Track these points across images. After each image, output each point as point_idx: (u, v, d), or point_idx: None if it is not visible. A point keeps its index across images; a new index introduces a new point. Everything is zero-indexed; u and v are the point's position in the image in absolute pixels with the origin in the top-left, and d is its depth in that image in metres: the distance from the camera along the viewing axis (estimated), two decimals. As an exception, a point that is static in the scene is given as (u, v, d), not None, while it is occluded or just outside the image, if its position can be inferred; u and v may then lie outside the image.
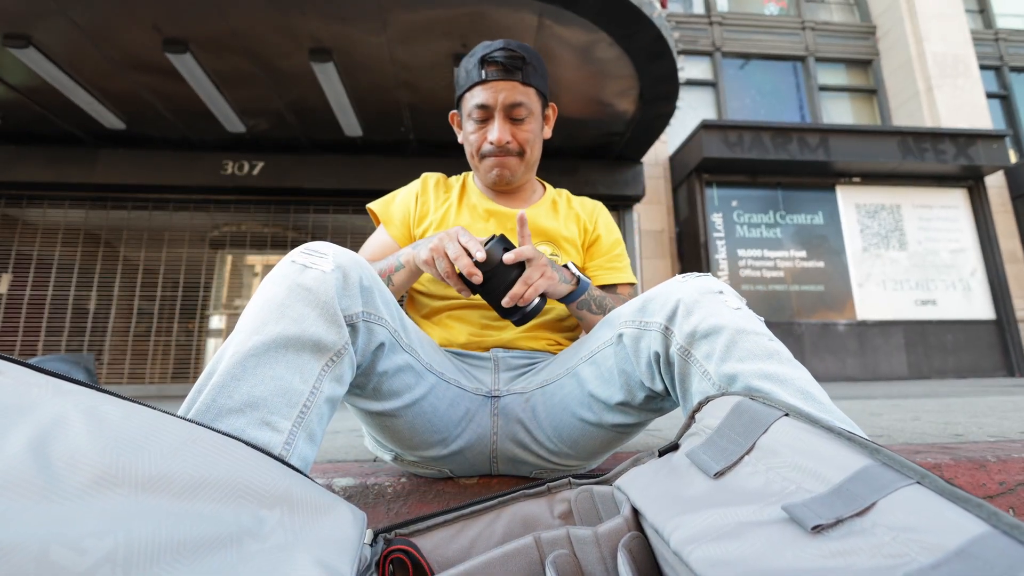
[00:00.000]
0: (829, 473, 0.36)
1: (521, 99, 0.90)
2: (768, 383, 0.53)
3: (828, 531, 0.32)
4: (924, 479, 0.31)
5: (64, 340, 5.95)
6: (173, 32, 4.17)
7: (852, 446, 0.37)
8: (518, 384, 0.83)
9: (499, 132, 0.89)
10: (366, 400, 0.68)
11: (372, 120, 5.53)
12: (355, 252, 0.66)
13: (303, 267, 0.56)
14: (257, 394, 0.49)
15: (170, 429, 0.37)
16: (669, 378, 0.63)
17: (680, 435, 0.56)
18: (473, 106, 0.91)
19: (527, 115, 0.91)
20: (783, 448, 0.41)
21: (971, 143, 7.09)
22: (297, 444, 0.50)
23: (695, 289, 0.62)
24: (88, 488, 0.30)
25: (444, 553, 0.57)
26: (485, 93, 0.89)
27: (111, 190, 6.17)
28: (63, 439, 0.31)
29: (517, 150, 0.93)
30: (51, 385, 0.34)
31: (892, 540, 0.29)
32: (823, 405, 0.53)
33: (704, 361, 0.58)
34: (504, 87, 0.88)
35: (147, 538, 0.30)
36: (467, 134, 0.95)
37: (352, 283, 0.58)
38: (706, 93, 8.17)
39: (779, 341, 0.59)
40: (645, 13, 4.15)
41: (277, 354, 0.51)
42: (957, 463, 0.86)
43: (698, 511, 0.39)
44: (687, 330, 0.59)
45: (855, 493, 0.33)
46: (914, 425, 1.52)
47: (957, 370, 6.95)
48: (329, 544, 0.41)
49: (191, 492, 0.34)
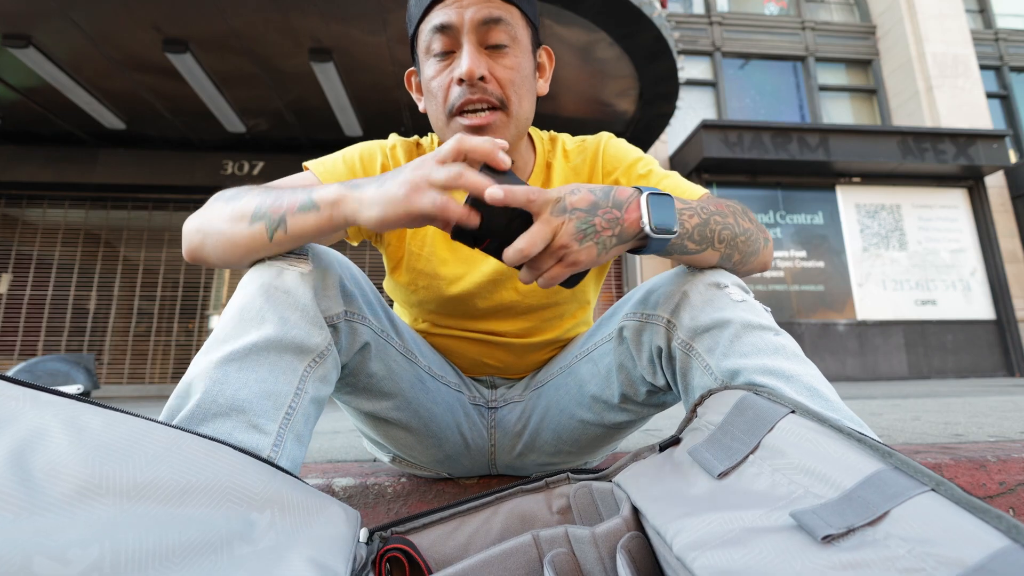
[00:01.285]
0: (839, 477, 0.34)
1: (498, 14, 0.63)
2: (773, 379, 0.51)
3: (839, 541, 0.30)
4: (939, 486, 0.30)
5: (64, 340, 5.95)
6: (173, 32, 4.17)
7: (863, 448, 0.35)
8: (514, 391, 0.81)
9: (469, 59, 0.62)
10: (359, 400, 0.67)
11: (372, 120, 5.53)
12: (338, 252, 0.62)
13: (281, 269, 0.55)
14: (242, 397, 0.48)
15: (155, 436, 0.37)
16: (671, 372, 0.61)
17: (681, 429, 0.55)
18: (430, 33, 0.64)
19: (509, 42, 0.64)
20: (790, 448, 0.40)
21: (971, 143, 7.09)
22: (285, 445, 0.50)
23: (700, 282, 0.59)
24: (71, 498, 0.30)
25: (441, 550, 0.57)
26: (447, 11, 0.62)
27: (111, 190, 6.18)
28: (43, 450, 0.31)
29: (498, 96, 0.64)
30: (29, 397, 0.34)
31: (907, 553, 0.27)
32: (831, 403, 0.50)
33: (707, 355, 0.56)
34: (475, 0, 0.62)
35: (134, 545, 0.30)
36: (427, 82, 0.66)
37: (331, 284, 0.57)
38: (706, 93, 8.17)
39: (787, 335, 0.56)
40: (645, 13, 4.15)
41: (259, 357, 0.50)
42: (957, 463, 0.86)
43: (701, 514, 0.38)
44: (690, 324, 0.57)
45: (867, 500, 0.31)
46: (914, 425, 1.52)
47: (957, 370, 6.94)
48: (322, 543, 0.41)
49: (178, 498, 0.34)
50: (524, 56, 0.66)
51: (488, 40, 0.63)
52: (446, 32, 0.63)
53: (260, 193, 0.56)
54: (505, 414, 0.79)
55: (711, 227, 0.58)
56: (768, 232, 0.67)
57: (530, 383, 0.81)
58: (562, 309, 0.80)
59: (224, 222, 0.56)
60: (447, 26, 0.62)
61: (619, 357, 0.67)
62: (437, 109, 0.66)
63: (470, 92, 0.63)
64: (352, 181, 0.54)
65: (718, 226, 0.58)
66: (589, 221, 0.51)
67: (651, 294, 0.63)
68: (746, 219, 0.63)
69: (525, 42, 0.67)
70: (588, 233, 0.50)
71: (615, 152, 0.76)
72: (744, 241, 0.61)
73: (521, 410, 0.78)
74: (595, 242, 0.51)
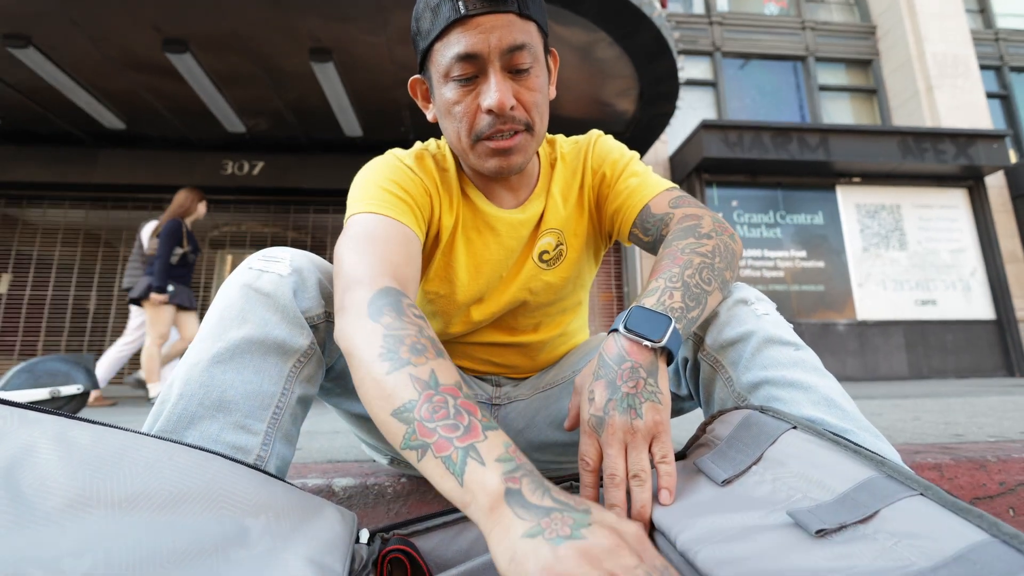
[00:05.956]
0: (834, 483, 0.37)
1: (523, 39, 0.61)
2: (791, 391, 0.53)
3: (832, 535, 0.32)
4: (927, 491, 0.32)
5: (64, 340, 5.95)
6: (173, 32, 4.17)
7: (858, 458, 0.38)
8: (521, 389, 0.81)
9: (499, 93, 0.60)
10: (349, 402, 0.67)
11: (372, 120, 5.53)
12: (315, 254, 0.62)
13: (260, 272, 0.55)
14: (229, 399, 0.49)
15: (144, 448, 0.37)
16: (695, 383, 0.63)
17: (689, 445, 0.57)
18: (452, 59, 0.61)
19: (532, 63, 0.63)
20: (790, 459, 0.42)
21: (971, 143, 7.08)
22: (274, 446, 0.50)
23: (729, 299, 0.61)
24: (62, 511, 0.30)
25: (443, 555, 0.57)
26: (470, 36, 0.59)
27: (111, 190, 6.17)
28: (32, 467, 0.31)
29: (525, 121, 0.63)
30: (16, 415, 0.34)
31: (894, 545, 0.30)
32: (847, 413, 0.52)
33: (730, 368, 0.58)
34: (497, 23, 0.59)
35: (127, 554, 0.30)
36: (447, 105, 0.64)
37: (310, 285, 0.57)
38: (706, 93, 8.17)
39: (809, 349, 0.58)
40: (645, 13, 4.15)
41: (243, 358, 0.51)
42: (957, 463, 0.86)
43: (705, 515, 0.40)
44: (718, 338, 0.59)
45: (859, 501, 0.34)
46: (914, 425, 1.52)
47: (957, 370, 6.94)
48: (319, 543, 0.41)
49: (170, 507, 0.35)
50: (543, 73, 0.66)
51: (513, 65, 0.62)
52: (471, 61, 0.60)
53: (415, 379, 0.44)
54: (508, 412, 0.79)
55: (696, 283, 0.57)
56: (728, 225, 0.66)
57: (538, 383, 0.81)
58: (564, 304, 0.81)
59: (371, 386, 0.46)
60: (472, 55, 0.60)
61: None
62: (460, 133, 0.65)
63: (499, 123, 0.62)
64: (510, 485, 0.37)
65: (697, 275, 0.57)
66: (619, 394, 0.48)
67: None
68: (708, 238, 0.62)
69: (542, 57, 0.66)
70: (630, 403, 0.48)
71: (600, 151, 0.79)
72: (722, 258, 0.61)
73: (527, 408, 0.78)
74: (640, 401, 0.48)
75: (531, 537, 0.33)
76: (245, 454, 0.48)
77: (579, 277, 0.81)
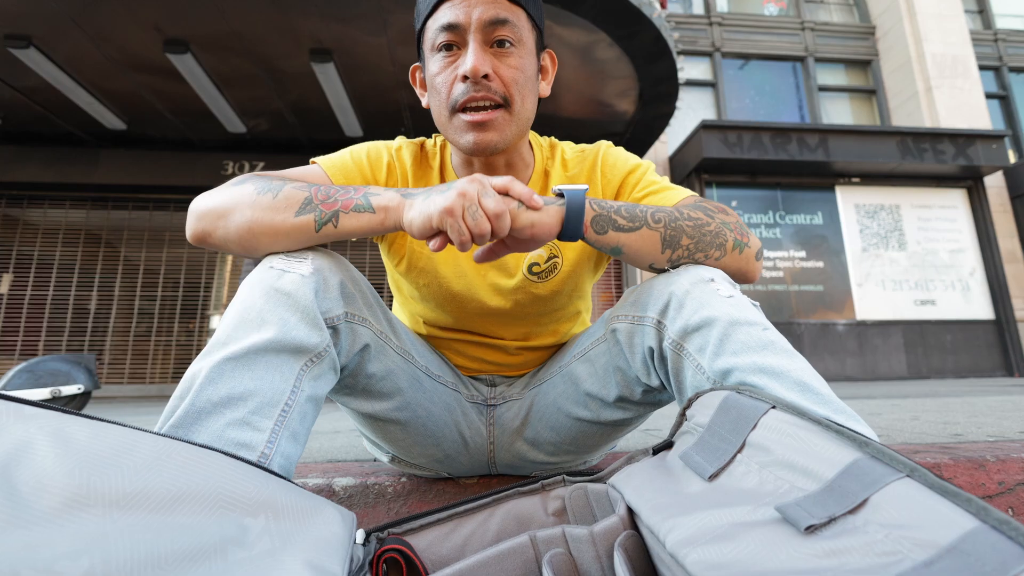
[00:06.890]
0: (820, 469, 0.36)
1: (505, 15, 0.64)
2: (764, 377, 0.52)
3: (821, 530, 0.32)
4: (914, 472, 0.31)
5: (65, 340, 5.96)
6: (174, 32, 4.17)
7: (841, 439, 0.37)
8: (513, 389, 0.82)
9: (473, 57, 0.63)
10: (358, 400, 0.68)
11: (372, 120, 5.53)
12: (337, 254, 0.63)
13: (281, 272, 0.55)
14: (237, 395, 0.49)
15: (143, 445, 0.36)
16: (664, 373, 0.62)
17: (673, 432, 0.56)
18: (437, 30, 0.65)
19: (515, 42, 0.66)
20: (773, 445, 0.41)
21: (970, 143, 7.09)
22: (280, 443, 0.50)
23: (686, 280, 0.59)
24: (59, 511, 0.29)
25: (438, 552, 0.57)
26: (454, 8, 0.64)
27: (112, 190, 6.18)
28: (28, 464, 0.31)
29: (501, 95, 0.65)
30: (12, 411, 0.33)
31: (885, 537, 0.29)
32: (821, 396, 0.51)
33: (697, 355, 0.56)
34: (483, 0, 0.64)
35: (125, 555, 0.29)
36: (431, 79, 0.67)
37: (332, 286, 0.58)
38: (706, 93, 8.17)
39: (775, 329, 0.57)
40: (645, 13, 4.16)
41: (256, 357, 0.51)
42: (956, 463, 0.86)
43: (693, 512, 0.40)
44: (679, 324, 0.57)
45: (847, 489, 0.33)
46: (913, 425, 1.53)
47: (956, 370, 6.95)
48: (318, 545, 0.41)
49: (169, 506, 0.34)
50: (528, 57, 0.68)
51: (494, 36, 0.65)
52: (453, 30, 0.64)
53: (302, 186, 0.59)
54: (504, 411, 0.79)
55: (642, 208, 0.62)
56: (753, 238, 0.66)
57: (530, 381, 0.81)
58: (558, 315, 0.81)
59: (261, 210, 0.57)
60: (454, 25, 0.64)
61: (614, 359, 0.68)
62: (440, 104, 0.67)
63: (474, 89, 0.64)
64: (405, 190, 0.59)
65: (651, 208, 0.62)
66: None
67: (641, 295, 0.64)
68: (713, 216, 0.64)
69: (530, 44, 0.68)
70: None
71: (613, 161, 0.77)
72: (694, 227, 0.62)
73: (520, 407, 0.79)
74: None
75: (426, 198, 0.56)
76: (249, 451, 0.47)
77: (576, 289, 0.79)
